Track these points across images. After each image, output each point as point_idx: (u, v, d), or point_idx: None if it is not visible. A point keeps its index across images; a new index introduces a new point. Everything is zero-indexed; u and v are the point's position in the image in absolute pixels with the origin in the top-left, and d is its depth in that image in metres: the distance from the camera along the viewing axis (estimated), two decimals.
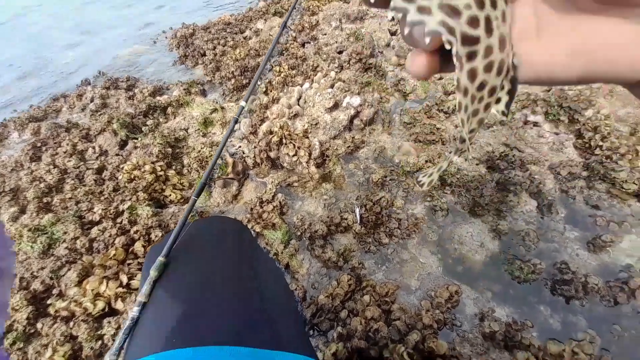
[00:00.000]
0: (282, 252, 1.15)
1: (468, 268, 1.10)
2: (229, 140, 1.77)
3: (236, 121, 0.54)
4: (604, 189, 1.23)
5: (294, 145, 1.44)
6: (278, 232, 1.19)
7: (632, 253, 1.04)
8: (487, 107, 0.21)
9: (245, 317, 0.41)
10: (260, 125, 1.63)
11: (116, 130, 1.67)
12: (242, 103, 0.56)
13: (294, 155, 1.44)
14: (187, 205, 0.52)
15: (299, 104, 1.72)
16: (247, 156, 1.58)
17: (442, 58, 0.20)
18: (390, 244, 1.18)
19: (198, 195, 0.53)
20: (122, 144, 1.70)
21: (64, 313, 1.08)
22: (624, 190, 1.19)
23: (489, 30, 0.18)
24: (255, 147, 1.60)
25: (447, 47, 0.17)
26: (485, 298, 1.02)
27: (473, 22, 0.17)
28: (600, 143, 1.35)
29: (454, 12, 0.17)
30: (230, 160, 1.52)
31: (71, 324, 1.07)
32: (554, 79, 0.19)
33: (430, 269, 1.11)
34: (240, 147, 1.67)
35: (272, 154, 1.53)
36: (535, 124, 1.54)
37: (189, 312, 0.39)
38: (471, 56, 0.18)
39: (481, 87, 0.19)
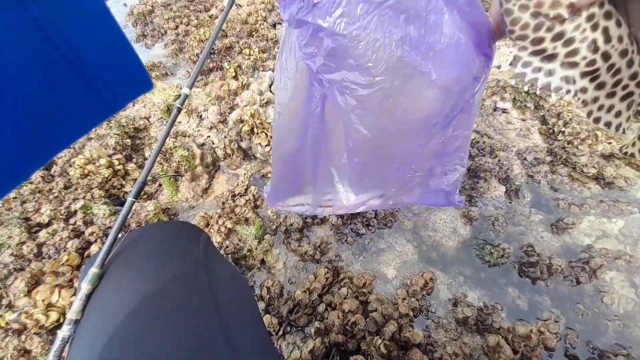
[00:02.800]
0: (256, 248, 1.10)
1: (442, 254, 1.13)
2: (196, 130, 1.66)
3: (179, 110, 0.48)
4: (566, 173, 1.29)
5: (266, 134, 1.37)
6: (252, 227, 1.14)
7: (591, 233, 1.11)
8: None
9: (197, 334, 0.36)
10: (229, 113, 1.53)
11: None
12: (185, 90, 0.49)
13: (266, 145, 1.37)
14: (124, 209, 0.45)
15: (270, 90, 1.63)
16: (217, 147, 1.49)
17: None
18: (367, 234, 1.17)
19: (136, 196, 0.46)
20: None
21: (15, 326, 0.98)
22: (584, 173, 1.25)
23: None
24: (225, 137, 1.51)
25: None
26: (458, 283, 1.05)
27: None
28: (563, 129, 1.41)
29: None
30: (198, 152, 1.42)
31: (23, 337, 0.97)
32: None
33: (406, 257, 1.12)
34: (209, 137, 1.57)
35: (244, 144, 1.45)
36: (504, 110, 1.58)
37: (129, 333, 0.34)
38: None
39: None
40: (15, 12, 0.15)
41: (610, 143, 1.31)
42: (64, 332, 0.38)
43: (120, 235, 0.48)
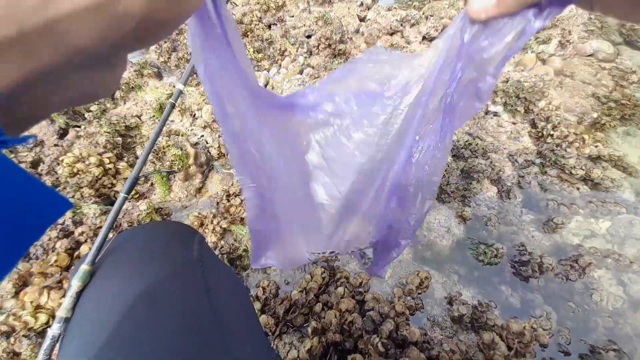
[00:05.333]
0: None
1: (436, 253, 1.14)
2: (189, 129, 1.63)
3: (173, 106, 0.47)
4: (555, 174, 1.33)
5: None
6: (247, 227, 1.13)
7: (579, 232, 1.14)
8: None
9: (192, 334, 0.36)
10: None
11: (53, 117, 1.46)
12: (179, 86, 0.48)
13: None
14: (115, 204, 0.44)
15: None
16: (211, 146, 1.47)
17: None
18: None
19: (128, 192, 0.45)
20: (62, 133, 1.50)
21: (4, 328, 0.94)
22: (572, 175, 1.29)
23: None
24: (219, 137, 1.49)
25: None
26: (453, 281, 1.07)
27: None
28: (552, 132, 1.45)
29: None
30: (192, 151, 1.40)
31: (12, 339, 0.93)
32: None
33: (401, 256, 1.13)
34: (203, 136, 1.55)
35: None
36: (495, 113, 1.61)
37: (121, 332, 0.33)
38: None
39: None
40: None
41: (597, 146, 1.36)
42: (53, 330, 0.37)
43: (111, 235, 0.46)
